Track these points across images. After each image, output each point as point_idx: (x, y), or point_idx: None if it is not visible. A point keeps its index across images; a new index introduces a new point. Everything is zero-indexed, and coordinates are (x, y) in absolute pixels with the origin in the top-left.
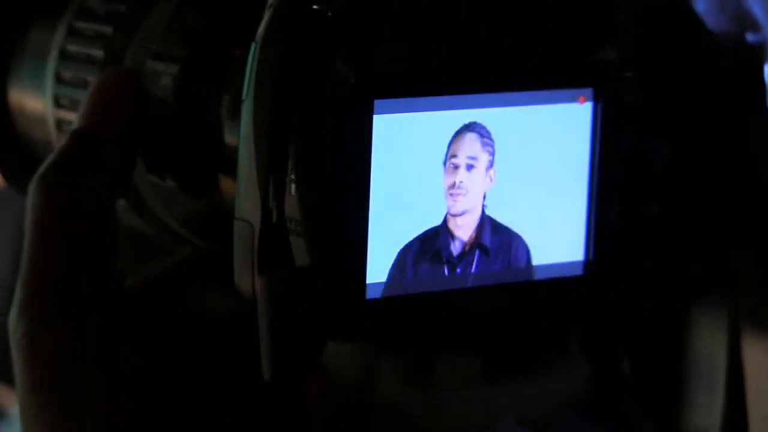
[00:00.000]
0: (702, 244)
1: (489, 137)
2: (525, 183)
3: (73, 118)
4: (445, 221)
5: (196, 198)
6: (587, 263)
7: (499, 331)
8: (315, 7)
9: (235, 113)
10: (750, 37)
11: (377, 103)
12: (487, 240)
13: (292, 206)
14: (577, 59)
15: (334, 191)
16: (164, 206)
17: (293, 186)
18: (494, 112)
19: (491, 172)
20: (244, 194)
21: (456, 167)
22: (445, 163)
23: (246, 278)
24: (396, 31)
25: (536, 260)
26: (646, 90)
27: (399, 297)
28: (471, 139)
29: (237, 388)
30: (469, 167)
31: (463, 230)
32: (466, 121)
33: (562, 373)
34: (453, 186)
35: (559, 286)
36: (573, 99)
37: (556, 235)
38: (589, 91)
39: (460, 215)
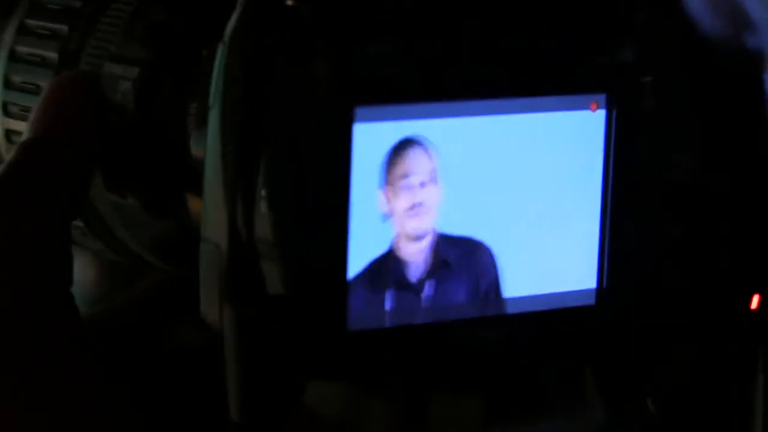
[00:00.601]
0: (734, 270)
1: (432, 148)
2: (526, 200)
3: (23, 127)
4: (395, 244)
5: (161, 218)
6: (600, 291)
7: (501, 368)
8: (289, 2)
9: (202, 122)
10: (746, 37)
11: (359, 111)
12: (451, 256)
13: (263, 227)
14: (588, 61)
15: (311, 210)
16: (126, 227)
17: (264, 204)
18: (494, 121)
19: (439, 186)
20: (211, 213)
21: (411, 185)
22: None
23: (213, 308)
24: (383, 28)
25: (542, 288)
26: (667, 96)
27: (384, 329)
28: (417, 154)
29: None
30: (423, 183)
31: (420, 253)
32: (460, 131)
33: (575, 415)
34: (412, 207)
35: (568, 317)
36: (584, 106)
37: (565, 259)
38: (602, 98)
39: (419, 236)
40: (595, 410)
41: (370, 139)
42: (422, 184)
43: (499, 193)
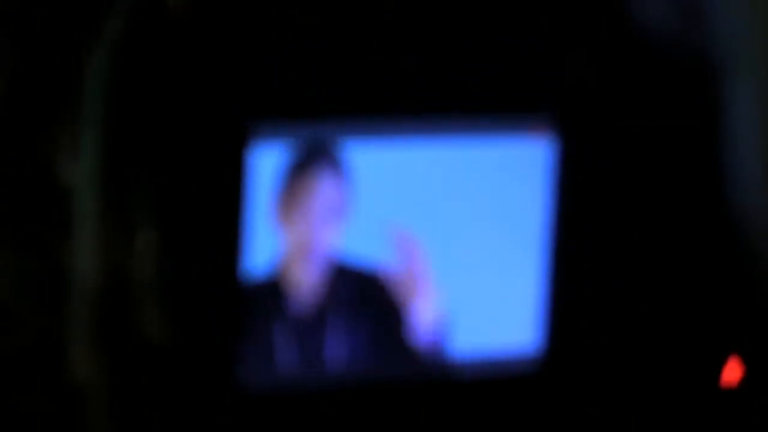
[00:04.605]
0: (705, 322)
1: (340, 174)
2: (448, 239)
3: None
4: (286, 277)
5: (25, 255)
6: (543, 357)
7: None
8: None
9: (74, 143)
10: (696, 34)
11: (258, 127)
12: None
13: (142, 265)
14: (534, 76)
15: (201, 242)
16: None
17: (144, 238)
18: (413, 144)
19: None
20: (82, 249)
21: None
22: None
23: (84, 360)
24: (287, 37)
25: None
26: (625, 119)
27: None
28: (322, 180)
29: None
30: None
31: (308, 285)
32: (374, 155)
33: None
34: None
35: (509, 384)
36: (525, 129)
37: (498, 318)
38: (548, 119)
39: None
40: None
41: (270, 159)
42: (322, 217)
43: (423, 230)
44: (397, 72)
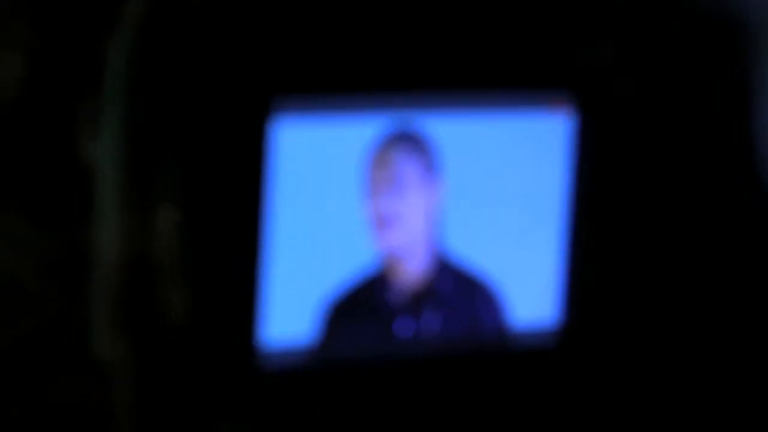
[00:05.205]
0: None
1: (424, 146)
2: (483, 216)
3: None
4: (379, 264)
5: (47, 236)
6: (562, 331)
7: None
8: None
9: (96, 123)
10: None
11: (280, 103)
12: (442, 286)
13: (164, 245)
14: (555, 54)
15: (224, 222)
16: (6, 247)
17: (167, 218)
18: (437, 120)
19: (435, 191)
20: (104, 228)
21: (382, 191)
22: (368, 186)
23: (105, 340)
24: (307, 13)
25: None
26: (645, 96)
27: (309, 368)
28: (399, 152)
29: None
30: (399, 189)
31: (405, 275)
32: (396, 129)
33: None
34: (380, 217)
35: (527, 358)
36: (546, 105)
37: (522, 290)
38: (568, 96)
39: (396, 254)
40: None
41: (292, 139)
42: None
43: (454, 203)
44: (417, 49)
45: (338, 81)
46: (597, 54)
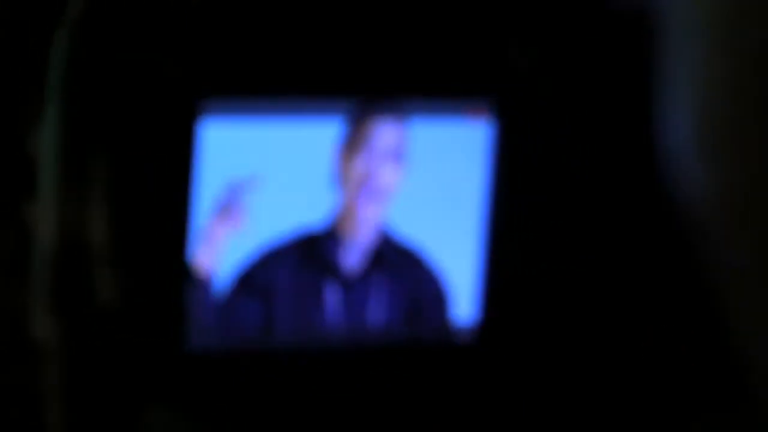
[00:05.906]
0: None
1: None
2: (406, 220)
3: None
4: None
5: None
6: (478, 328)
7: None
8: None
9: (39, 114)
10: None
11: (207, 103)
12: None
13: (99, 229)
14: (473, 61)
15: (154, 210)
16: None
17: (99, 205)
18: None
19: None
20: (43, 215)
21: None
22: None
23: (41, 318)
24: (237, 19)
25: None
26: (562, 100)
27: (238, 348)
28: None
29: None
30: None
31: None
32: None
33: None
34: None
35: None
36: (465, 112)
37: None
38: (487, 103)
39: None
40: None
41: (217, 134)
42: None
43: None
44: (338, 54)
45: (262, 84)
46: (514, 59)
